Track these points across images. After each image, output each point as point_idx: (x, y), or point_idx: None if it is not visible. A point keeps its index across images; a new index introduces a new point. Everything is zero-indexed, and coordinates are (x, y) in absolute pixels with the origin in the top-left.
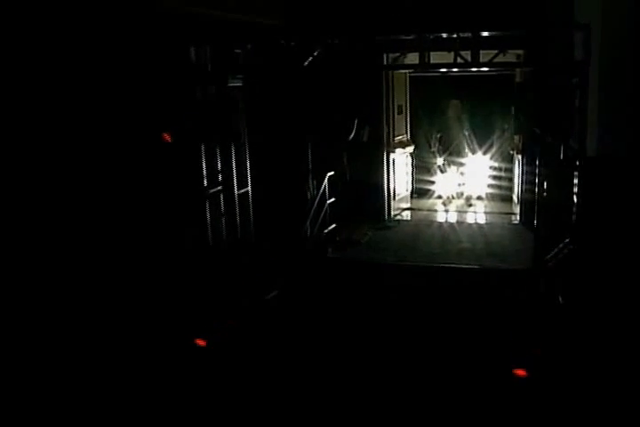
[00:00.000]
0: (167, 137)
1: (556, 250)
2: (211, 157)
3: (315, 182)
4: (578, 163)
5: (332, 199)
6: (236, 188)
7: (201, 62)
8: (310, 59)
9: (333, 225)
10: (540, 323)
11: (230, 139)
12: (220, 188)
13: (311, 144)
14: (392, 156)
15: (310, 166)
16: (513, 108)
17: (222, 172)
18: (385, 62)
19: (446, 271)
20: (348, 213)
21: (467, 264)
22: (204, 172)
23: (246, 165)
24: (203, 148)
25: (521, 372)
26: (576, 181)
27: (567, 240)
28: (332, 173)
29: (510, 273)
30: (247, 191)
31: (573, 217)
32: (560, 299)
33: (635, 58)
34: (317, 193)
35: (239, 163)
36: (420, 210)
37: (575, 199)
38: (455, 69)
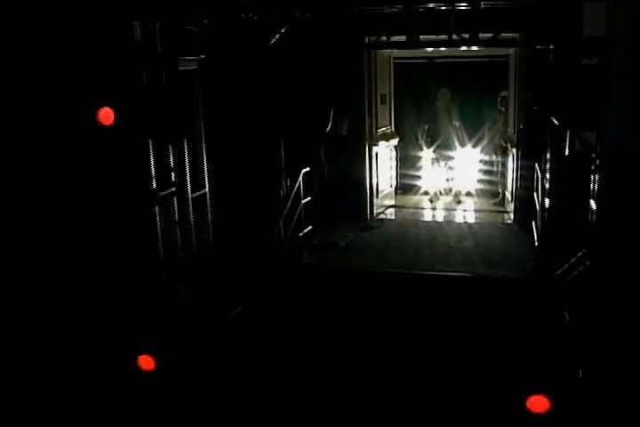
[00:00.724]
0: (106, 117)
1: (568, 264)
2: (161, 153)
3: (289, 180)
4: (598, 158)
5: (308, 198)
6: (189, 190)
7: (148, 42)
8: (277, 37)
9: (309, 227)
10: (540, 342)
11: (183, 132)
12: (173, 189)
13: (284, 138)
14: (375, 149)
15: (283, 163)
16: (500, 98)
17: (176, 171)
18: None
19: (435, 279)
20: (326, 213)
21: (457, 271)
22: (153, 171)
23: (203, 163)
24: (150, 143)
25: None
26: (594, 179)
27: (583, 251)
28: (307, 169)
29: (506, 282)
30: (205, 193)
31: (591, 223)
32: (567, 316)
33: None
34: (291, 192)
35: (194, 160)
36: (405, 208)
37: (593, 203)
38: (443, 49)
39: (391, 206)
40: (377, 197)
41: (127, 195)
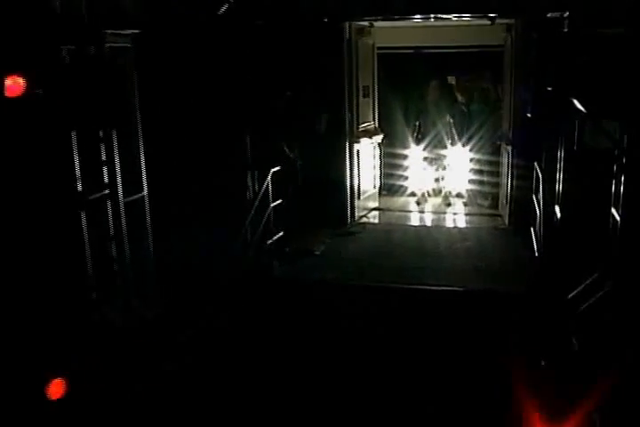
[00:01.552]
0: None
1: (582, 287)
2: (88, 149)
3: (257, 182)
4: (624, 155)
5: (279, 201)
6: (120, 193)
7: (70, 11)
8: (227, 6)
9: (280, 233)
10: (541, 369)
11: (113, 123)
12: (106, 192)
13: (250, 132)
14: (356, 147)
15: (250, 160)
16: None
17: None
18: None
19: (419, 294)
20: (301, 217)
21: (447, 285)
22: (78, 171)
23: (140, 161)
24: (74, 136)
25: None
26: (617, 181)
27: (601, 272)
28: (277, 168)
29: (502, 298)
30: (142, 197)
31: (611, 236)
32: (575, 342)
33: None
34: (258, 194)
35: (129, 158)
36: (390, 210)
37: (615, 211)
38: (432, 40)
39: (375, 209)
40: (359, 198)
41: (45, 198)
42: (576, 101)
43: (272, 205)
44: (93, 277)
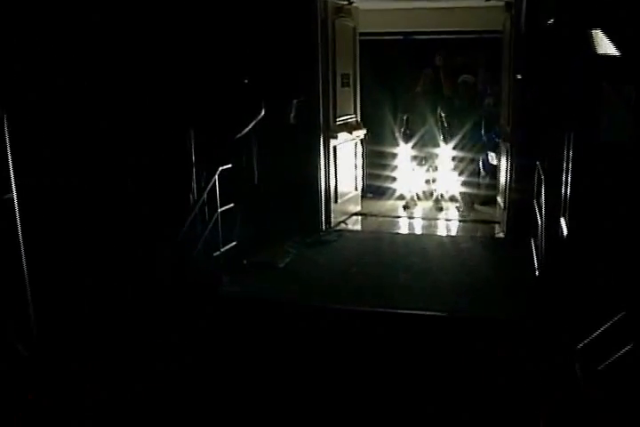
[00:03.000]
0: None
1: (600, 331)
2: None
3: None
4: None
5: (230, 205)
6: None
7: None
8: None
9: (233, 243)
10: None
11: None
12: None
13: (194, 123)
14: (333, 142)
15: (194, 157)
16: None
17: None
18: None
19: (396, 320)
20: (266, 223)
21: (428, 309)
22: None
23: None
24: None
25: None
26: None
27: (627, 313)
28: (228, 166)
29: (496, 326)
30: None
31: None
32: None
33: None
34: (200, 197)
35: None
36: (373, 215)
37: None
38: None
39: (356, 214)
40: (335, 202)
41: None
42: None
43: (220, 209)
44: None
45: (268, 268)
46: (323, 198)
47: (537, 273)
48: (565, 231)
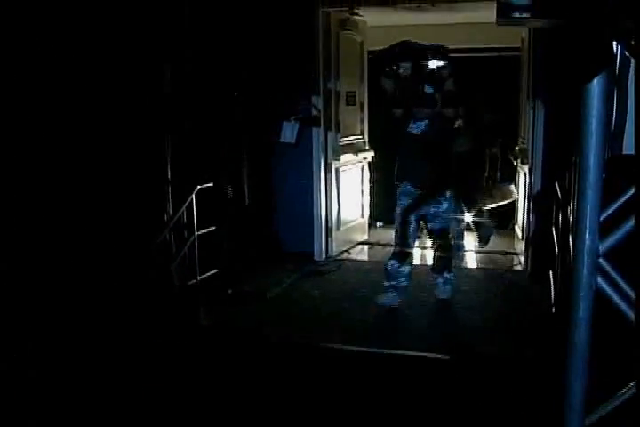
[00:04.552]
0: None
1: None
2: None
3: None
4: None
5: (211, 228)
6: None
7: None
8: None
9: (213, 271)
10: None
11: None
12: None
13: (174, 139)
14: (335, 164)
15: (169, 173)
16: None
17: None
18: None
19: (393, 362)
20: (257, 249)
21: (427, 351)
22: None
23: None
24: None
25: None
26: None
27: None
28: (208, 184)
29: (502, 365)
30: None
31: None
32: None
33: None
34: (173, 217)
35: None
36: (380, 245)
37: None
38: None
39: (361, 243)
40: (337, 229)
41: None
42: None
43: (198, 232)
44: None
45: (255, 299)
46: (323, 225)
47: (552, 310)
48: None
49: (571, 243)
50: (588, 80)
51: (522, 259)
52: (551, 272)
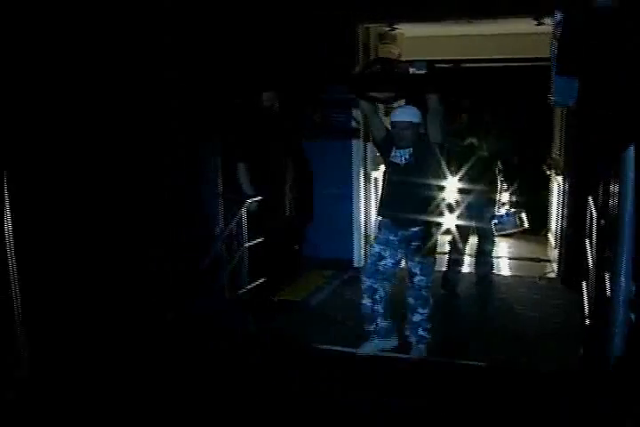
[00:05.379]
0: None
1: None
2: None
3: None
4: None
5: (260, 240)
6: None
7: None
8: None
9: (261, 279)
10: None
11: None
12: None
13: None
14: (374, 175)
15: (220, 187)
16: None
17: None
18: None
19: (430, 369)
20: (296, 256)
21: (462, 359)
22: None
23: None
24: None
25: None
26: None
27: None
28: (257, 198)
29: (541, 380)
30: None
31: None
32: None
33: None
34: (224, 231)
35: None
36: None
37: None
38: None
39: None
40: None
41: None
42: None
43: (246, 244)
44: None
45: (299, 306)
46: (362, 232)
47: (587, 322)
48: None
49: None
50: None
51: (555, 266)
52: (584, 283)
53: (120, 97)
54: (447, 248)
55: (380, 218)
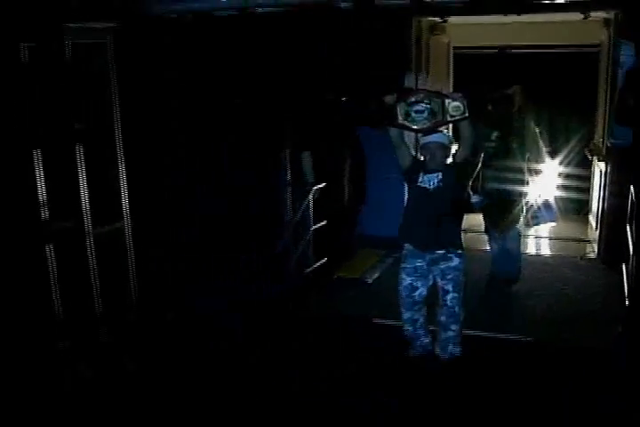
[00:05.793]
0: None
1: None
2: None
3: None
4: None
5: (323, 223)
6: (88, 223)
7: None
8: None
9: (324, 259)
10: None
11: (82, 138)
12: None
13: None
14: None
15: (289, 176)
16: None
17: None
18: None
19: (479, 343)
20: (349, 234)
21: (510, 333)
22: (41, 196)
23: (119, 182)
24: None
25: None
26: None
27: None
28: (322, 185)
29: (584, 354)
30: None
31: None
32: None
33: None
34: (295, 215)
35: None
36: (468, 231)
37: None
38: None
39: None
40: None
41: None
42: None
43: (312, 227)
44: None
45: (357, 283)
46: None
47: (627, 302)
48: None
49: None
50: None
51: (595, 247)
52: (624, 266)
53: None
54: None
55: (405, 245)
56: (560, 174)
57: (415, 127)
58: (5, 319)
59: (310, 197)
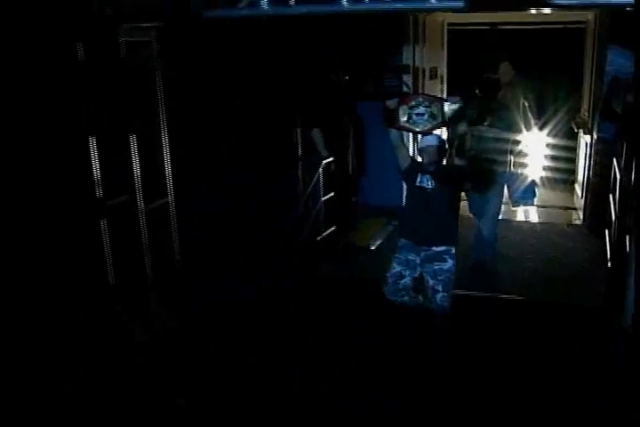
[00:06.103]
0: None
1: None
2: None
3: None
4: None
5: (331, 194)
6: (140, 199)
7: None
8: None
9: (332, 228)
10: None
11: (134, 128)
12: (124, 198)
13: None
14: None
15: (300, 151)
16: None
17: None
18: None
19: (476, 303)
20: (352, 204)
21: (502, 292)
22: (96, 174)
23: (165, 163)
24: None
25: None
26: None
27: None
28: (330, 159)
29: (572, 310)
30: (167, 203)
31: None
32: None
33: None
34: (308, 188)
35: (153, 160)
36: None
37: None
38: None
39: None
40: None
41: (61, 205)
42: None
43: (323, 198)
44: (114, 287)
45: (362, 250)
46: None
47: (609, 264)
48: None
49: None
50: None
51: (580, 214)
52: (607, 231)
53: None
54: None
55: (402, 240)
56: (548, 145)
57: (417, 129)
58: (67, 286)
59: (320, 170)
